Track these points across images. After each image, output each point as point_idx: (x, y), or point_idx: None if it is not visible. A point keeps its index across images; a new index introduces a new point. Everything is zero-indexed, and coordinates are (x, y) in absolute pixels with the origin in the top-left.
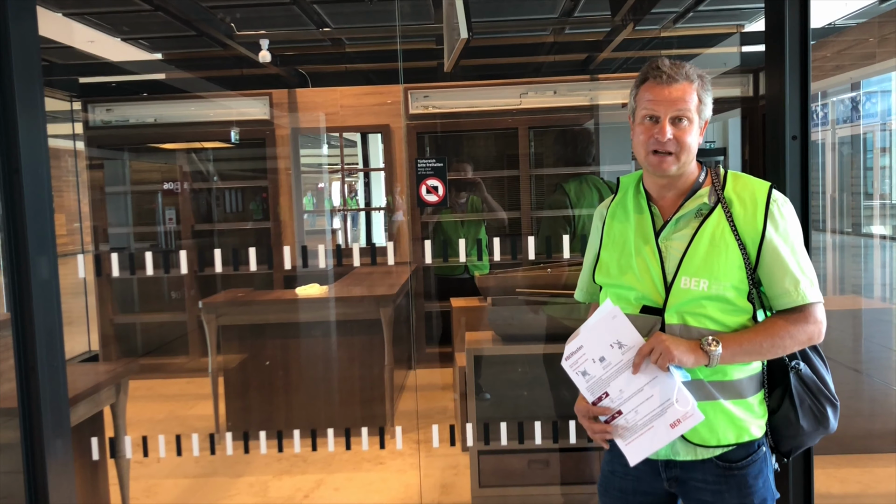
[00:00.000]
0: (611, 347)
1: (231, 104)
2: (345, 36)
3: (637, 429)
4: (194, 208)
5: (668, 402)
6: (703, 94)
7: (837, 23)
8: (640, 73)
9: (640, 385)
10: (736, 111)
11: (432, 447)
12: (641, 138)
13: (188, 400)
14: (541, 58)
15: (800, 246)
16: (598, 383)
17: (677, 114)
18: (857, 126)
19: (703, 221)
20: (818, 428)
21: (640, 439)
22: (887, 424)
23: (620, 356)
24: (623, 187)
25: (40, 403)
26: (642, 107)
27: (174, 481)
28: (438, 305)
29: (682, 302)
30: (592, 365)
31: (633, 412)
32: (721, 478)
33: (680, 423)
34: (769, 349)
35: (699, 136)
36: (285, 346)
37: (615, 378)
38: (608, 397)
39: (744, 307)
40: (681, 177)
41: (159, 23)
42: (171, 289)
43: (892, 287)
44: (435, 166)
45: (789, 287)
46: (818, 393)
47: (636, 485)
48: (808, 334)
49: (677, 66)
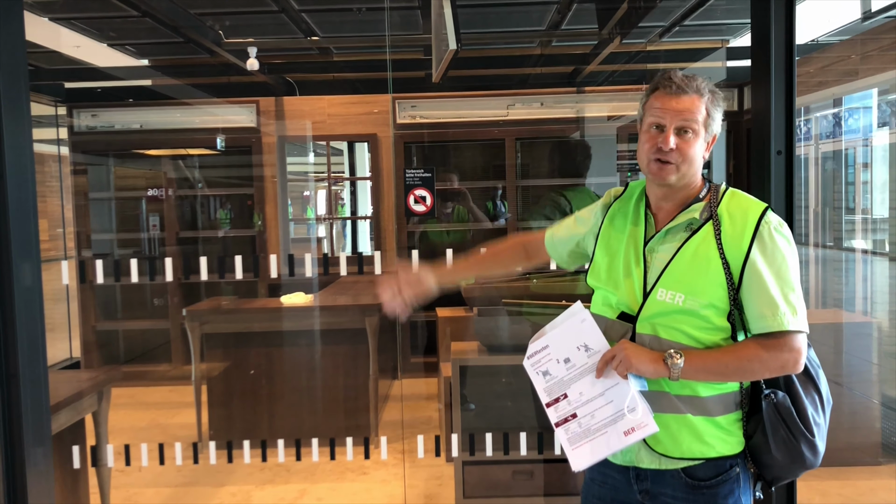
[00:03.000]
0: (577, 350)
1: (218, 111)
2: (333, 45)
3: (590, 433)
4: (179, 215)
5: (625, 410)
6: (713, 109)
7: (821, 39)
8: (652, 82)
9: (600, 390)
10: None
11: (417, 457)
12: (646, 146)
13: (171, 408)
14: (528, 70)
15: (789, 274)
16: (559, 384)
17: (683, 124)
18: (839, 141)
19: (690, 236)
20: (793, 462)
21: (590, 444)
22: (868, 437)
23: (586, 359)
24: (630, 190)
25: (21, 411)
26: (649, 115)
27: (156, 490)
28: (424, 315)
29: (654, 313)
30: (556, 365)
31: (588, 416)
32: (690, 494)
33: (634, 432)
34: (735, 371)
35: (706, 150)
36: (269, 355)
37: (577, 381)
38: (566, 399)
39: (721, 326)
40: (681, 189)
41: (146, 29)
42: (155, 296)
43: (873, 301)
44: (423, 176)
45: (766, 312)
46: (792, 425)
47: (613, 494)
48: (780, 362)
49: (689, 79)
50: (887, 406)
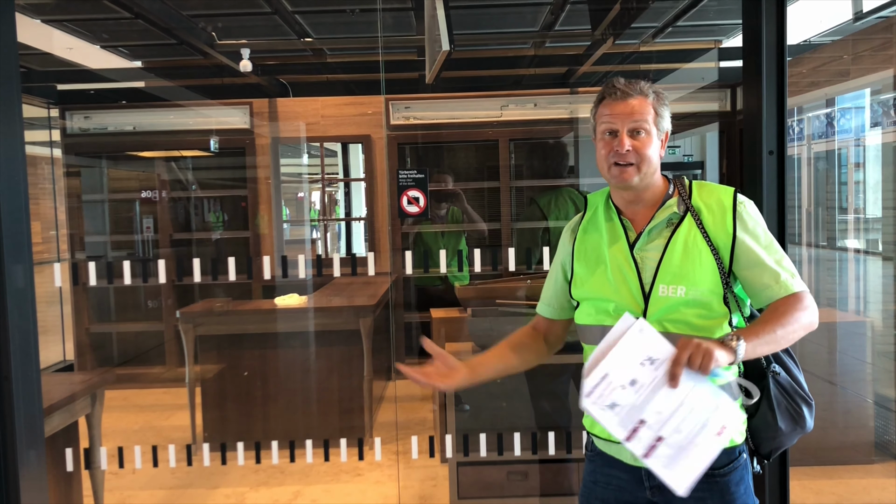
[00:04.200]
0: (641, 366)
1: (211, 113)
2: (326, 46)
3: (683, 450)
4: (172, 217)
5: (713, 409)
6: (660, 108)
7: (813, 40)
8: (598, 93)
9: (680, 398)
10: (714, 125)
11: (411, 458)
12: (603, 153)
13: (165, 410)
14: (521, 71)
15: (774, 244)
16: (632, 412)
17: (634, 126)
18: (831, 141)
19: (674, 230)
20: (796, 428)
21: (686, 460)
22: (862, 436)
23: (654, 373)
24: (591, 205)
25: (14, 413)
26: (601, 123)
27: (150, 493)
28: (418, 316)
29: (661, 309)
30: (622, 392)
31: (675, 433)
32: (703, 485)
33: (725, 429)
34: (782, 336)
35: (661, 148)
36: (264, 357)
37: (651, 400)
38: (644, 425)
39: (720, 311)
40: (646, 189)
41: (139, 31)
42: (149, 298)
43: (866, 300)
44: (416, 177)
45: (769, 281)
46: (794, 394)
47: (618, 495)
48: (808, 318)
49: (632, 83)
50: (880, 405)
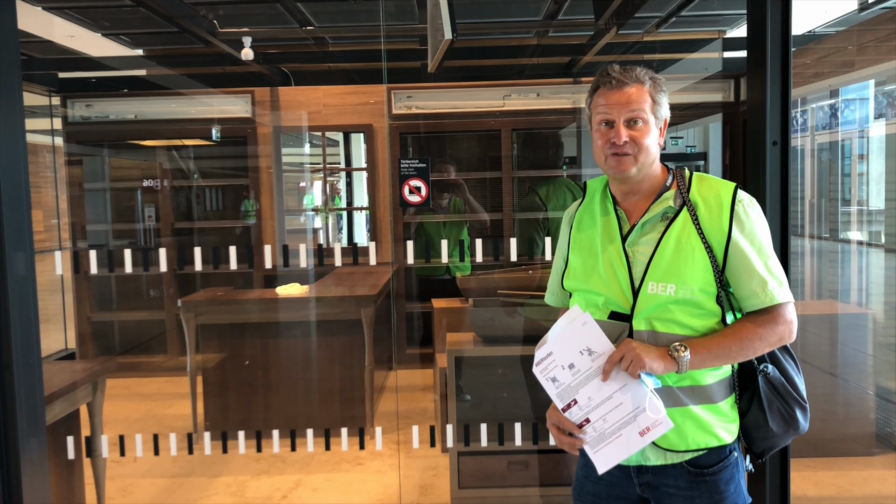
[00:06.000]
0: (580, 354)
1: (213, 102)
2: (328, 35)
3: (606, 436)
4: (174, 206)
5: (639, 410)
6: (657, 95)
7: (817, 30)
8: (593, 82)
9: (609, 392)
10: (717, 116)
11: (412, 448)
12: (599, 144)
13: (166, 399)
14: (524, 60)
15: (767, 246)
16: (567, 390)
17: (631, 115)
18: (835, 133)
19: (668, 225)
20: (788, 430)
21: (608, 447)
22: (862, 428)
23: (590, 363)
24: (590, 191)
25: (15, 401)
26: (597, 113)
27: (151, 481)
28: (420, 306)
29: (649, 307)
30: (562, 371)
31: (601, 420)
32: (693, 483)
33: (650, 431)
34: (738, 352)
35: (660, 137)
36: (265, 346)
37: (584, 385)
38: (576, 405)
39: (712, 310)
40: (644, 180)
41: (141, 18)
42: (150, 287)
43: (869, 292)
44: (418, 167)
45: (757, 289)
46: (786, 395)
47: (609, 489)
48: (778, 335)
49: (627, 70)
50: (881, 397)
